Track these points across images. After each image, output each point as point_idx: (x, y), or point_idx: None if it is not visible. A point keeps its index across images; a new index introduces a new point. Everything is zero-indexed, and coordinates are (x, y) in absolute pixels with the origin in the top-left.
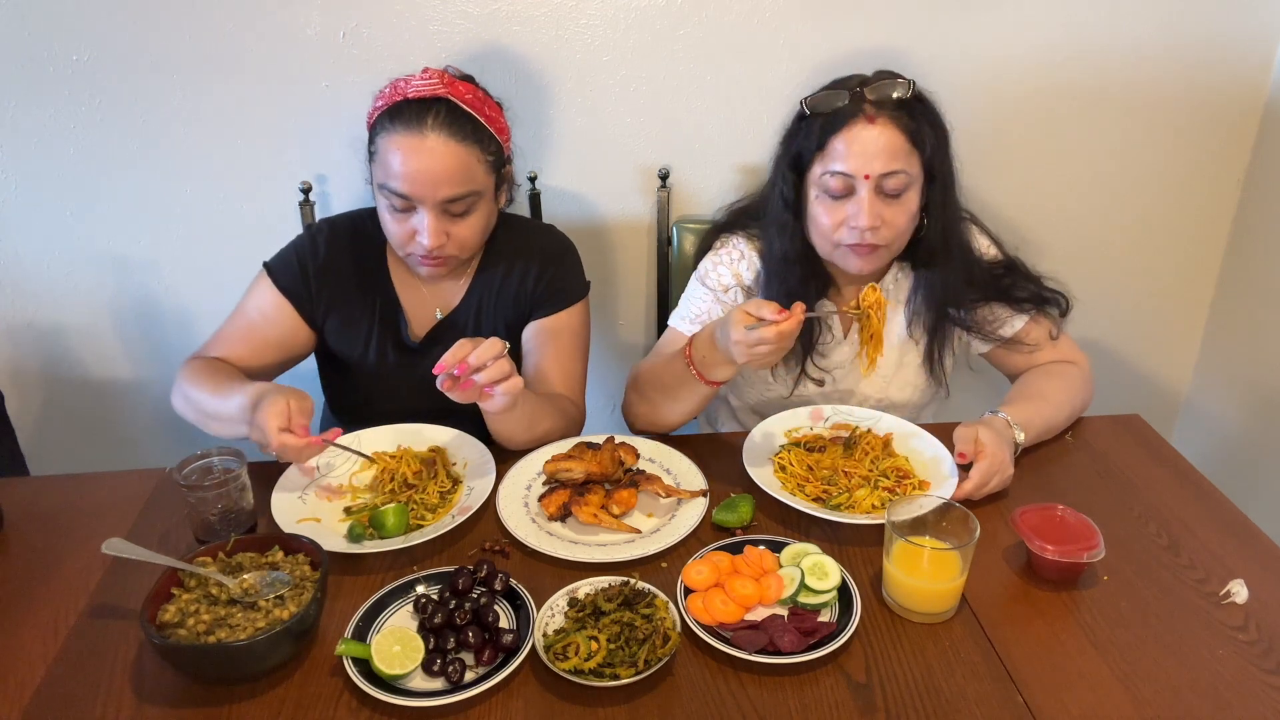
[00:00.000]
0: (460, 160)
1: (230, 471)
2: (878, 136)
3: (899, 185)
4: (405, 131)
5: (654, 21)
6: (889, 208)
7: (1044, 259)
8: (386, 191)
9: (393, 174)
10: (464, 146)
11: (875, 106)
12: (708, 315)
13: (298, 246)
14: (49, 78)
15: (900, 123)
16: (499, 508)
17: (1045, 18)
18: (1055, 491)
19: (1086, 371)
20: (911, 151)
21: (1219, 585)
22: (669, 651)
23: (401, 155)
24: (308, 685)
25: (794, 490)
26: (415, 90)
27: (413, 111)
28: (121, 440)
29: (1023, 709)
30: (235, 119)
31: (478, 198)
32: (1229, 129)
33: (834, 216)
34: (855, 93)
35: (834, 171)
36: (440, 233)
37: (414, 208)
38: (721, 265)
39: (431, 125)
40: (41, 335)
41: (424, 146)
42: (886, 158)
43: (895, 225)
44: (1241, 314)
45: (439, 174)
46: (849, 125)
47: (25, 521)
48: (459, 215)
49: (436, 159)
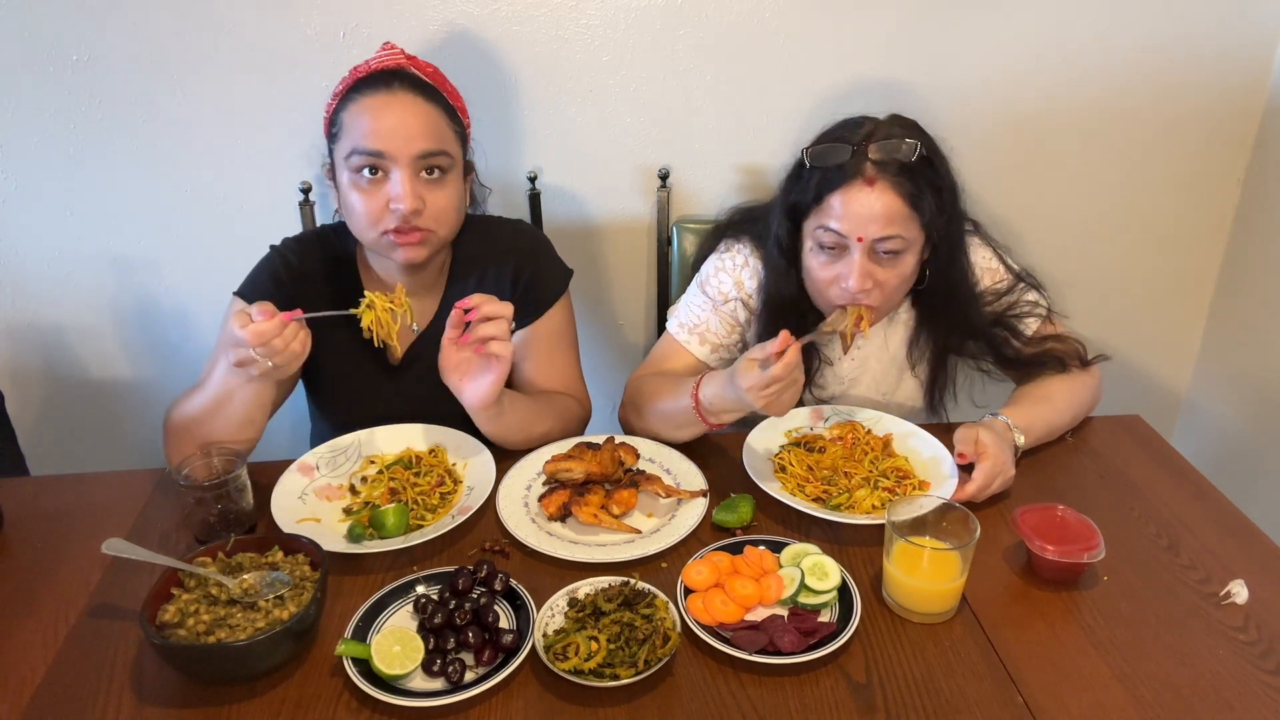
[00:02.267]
0: (432, 118)
1: (230, 472)
2: (875, 200)
3: (895, 248)
4: (374, 93)
5: (654, 21)
6: (882, 269)
7: (1044, 259)
8: (357, 157)
9: (364, 134)
10: (432, 107)
11: (876, 168)
12: (705, 326)
13: (266, 265)
14: (49, 78)
15: (901, 188)
16: (499, 508)
17: (1046, 17)
18: (1055, 492)
19: (1096, 375)
20: (911, 216)
21: (1219, 585)
22: (669, 652)
23: (372, 113)
24: (308, 685)
25: (794, 490)
26: (379, 62)
27: (379, 78)
28: (121, 440)
29: (1023, 709)
30: (235, 119)
31: (450, 163)
32: (1229, 129)
33: (826, 272)
34: (858, 149)
35: (828, 228)
36: (416, 195)
37: (386, 174)
38: (724, 271)
39: (399, 86)
40: (41, 335)
41: (394, 101)
42: (883, 222)
43: (887, 286)
44: (1241, 314)
45: (412, 127)
46: (847, 185)
47: (25, 521)
48: (433, 181)
49: (409, 113)
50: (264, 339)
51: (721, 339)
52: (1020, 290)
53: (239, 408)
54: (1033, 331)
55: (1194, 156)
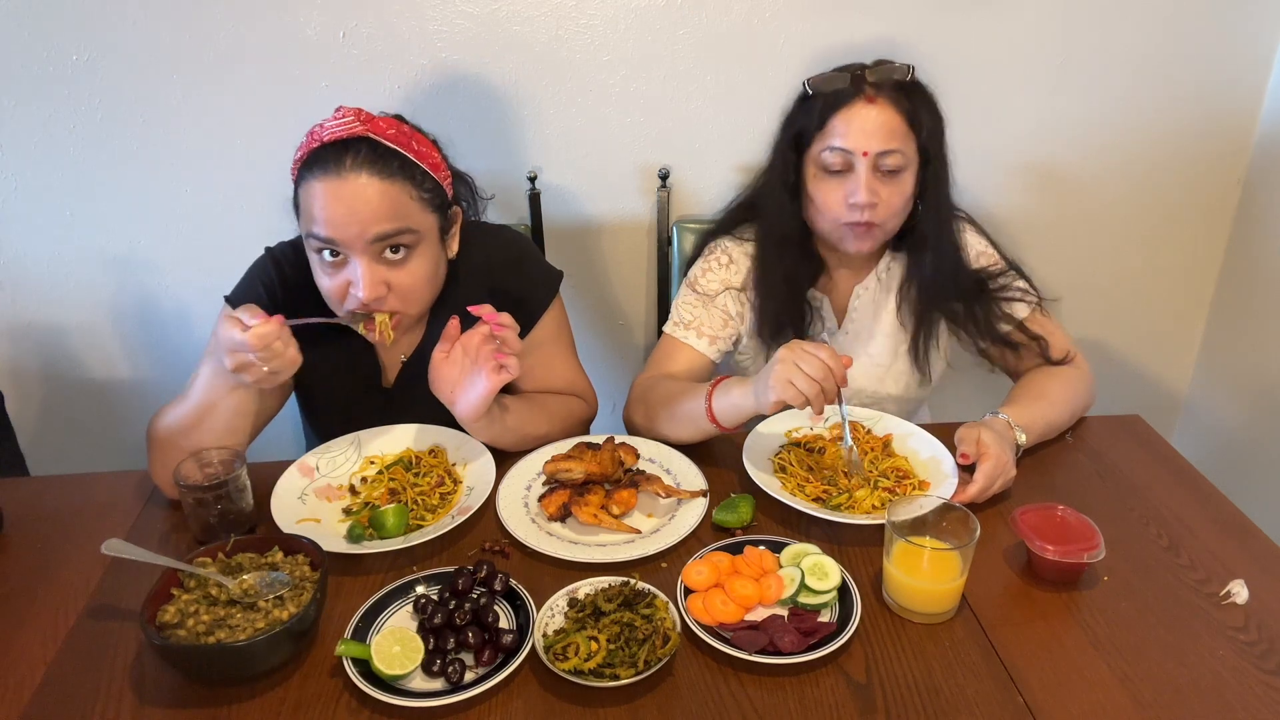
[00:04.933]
0: (387, 197)
1: (230, 472)
2: (877, 115)
3: (896, 164)
4: (323, 174)
5: (654, 21)
6: (885, 186)
7: (1045, 259)
8: (313, 240)
9: (316, 220)
10: (390, 183)
11: (875, 88)
12: (700, 321)
13: (259, 272)
14: (49, 78)
15: (899, 104)
16: (499, 508)
17: (1047, 18)
18: (1055, 492)
19: (1087, 372)
20: (909, 133)
21: (1219, 585)
22: (669, 652)
23: (322, 199)
24: (308, 685)
25: (794, 490)
26: (330, 133)
27: (330, 154)
28: (121, 440)
29: (1023, 709)
30: (235, 119)
31: (416, 238)
32: (1229, 129)
33: (833, 195)
34: (856, 75)
35: (833, 148)
36: (377, 283)
37: (346, 259)
38: (710, 272)
39: (351, 165)
40: (41, 335)
41: (344, 187)
42: (885, 136)
43: (891, 204)
44: (1241, 314)
45: (364, 213)
46: (849, 105)
47: (25, 521)
48: (396, 261)
49: (359, 199)
50: (266, 341)
51: (716, 331)
52: (1012, 276)
53: (222, 417)
54: (1023, 317)
55: (1194, 156)
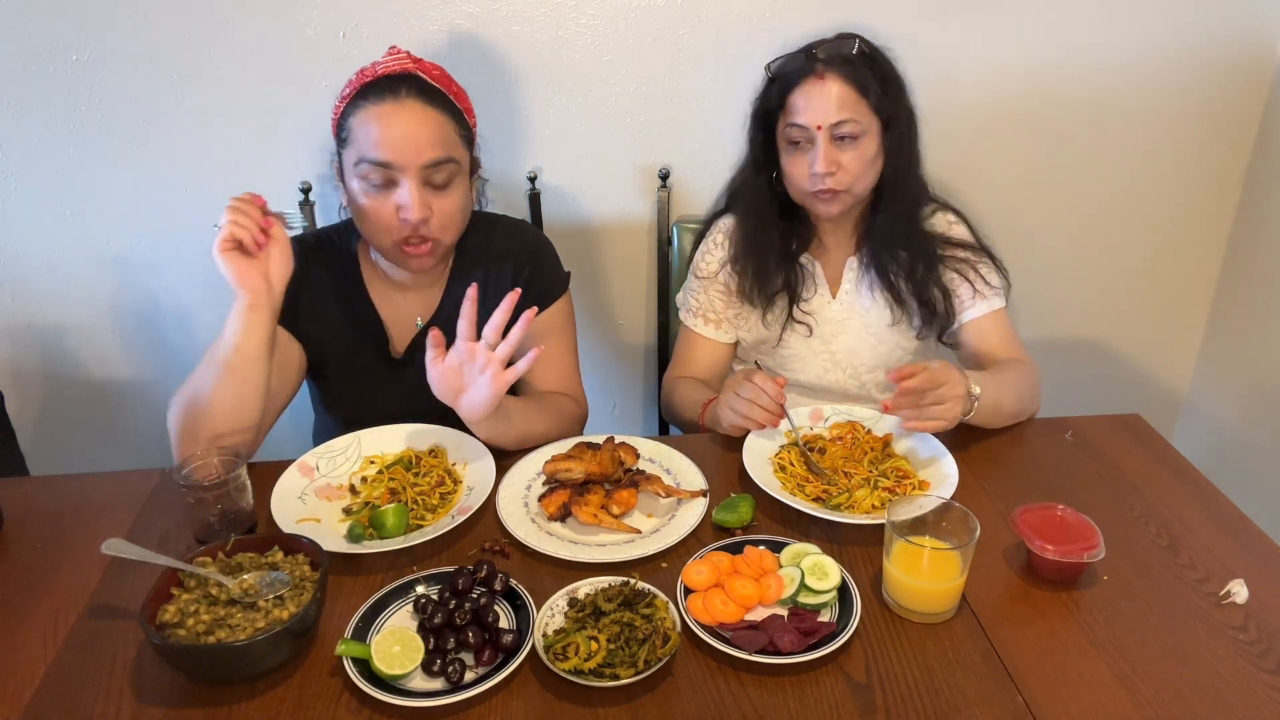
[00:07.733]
0: (439, 125)
1: (230, 472)
2: (827, 90)
3: (851, 131)
4: (380, 101)
5: (654, 21)
6: (845, 153)
7: (1045, 259)
8: (365, 166)
9: (372, 143)
10: (439, 113)
11: (825, 64)
12: (707, 306)
13: None
14: (49, 78)
15: (848, 76)
16: (499, 508)
17: (1047, 16)
18: (1055, 491)
19: (1038, 379)
20: (860, 101)
21: (1219, 585)
22: (669, 652)
23: (380, 123)
24: (308, 685)
25: (794, 490)
26: (385, 67)
27: (385, 84)
28: (121, 440)
29: (1023, 709)
30: (235, 119)
31: (457, 169)
32: (1229, 129)
33: (797, 167)
34: (810, 54)
35: (792, 124)
36: (424, 204)
37: (394, 182)
38: (709, 253)
39: (406, 94)
40: (41, 335)
41: (402, 110)
42: (835, 107)
43: (851, 169)
44: (1241, 314)
45: (420, 136)
46: (802, 82)
47: (25, 521)
48: (440, 188)
49: (416, 122)
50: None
51: (721, 312)
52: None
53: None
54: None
55: (1194, 156)
